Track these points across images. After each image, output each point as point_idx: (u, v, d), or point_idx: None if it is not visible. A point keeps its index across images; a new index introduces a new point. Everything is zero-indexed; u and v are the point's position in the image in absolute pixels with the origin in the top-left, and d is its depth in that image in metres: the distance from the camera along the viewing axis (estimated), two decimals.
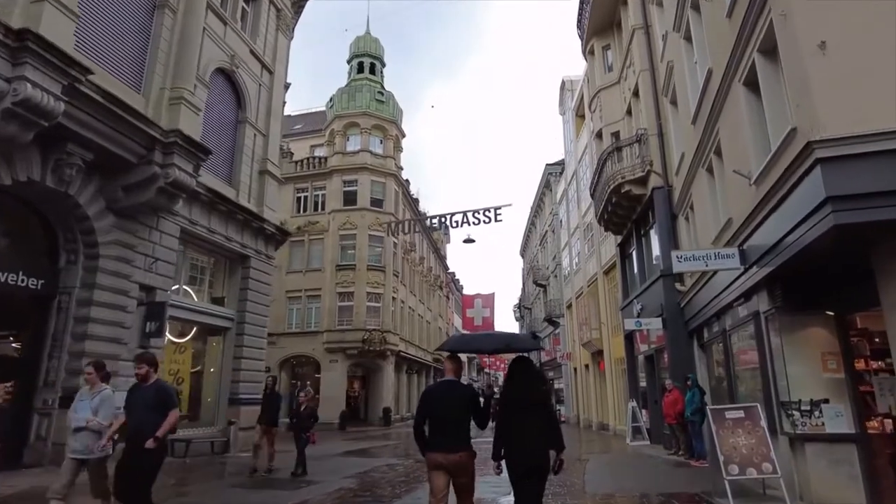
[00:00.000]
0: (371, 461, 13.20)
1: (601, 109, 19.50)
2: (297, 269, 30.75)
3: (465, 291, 62.74)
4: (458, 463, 4.42)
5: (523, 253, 53.92)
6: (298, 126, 38.26)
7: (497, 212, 14.95)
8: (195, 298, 14.89)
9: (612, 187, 16.34)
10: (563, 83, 30.85)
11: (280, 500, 8.17)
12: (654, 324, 14.47)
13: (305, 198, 32.34)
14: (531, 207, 43.46)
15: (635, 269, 18.11)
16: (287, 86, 19.78)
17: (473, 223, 15.25)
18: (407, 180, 37.41)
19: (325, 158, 32.80)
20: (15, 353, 11.07)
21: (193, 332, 14.95)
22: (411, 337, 37.47)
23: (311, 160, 33.31)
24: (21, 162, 9.31)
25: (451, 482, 4.51)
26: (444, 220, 16.11)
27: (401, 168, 34.89)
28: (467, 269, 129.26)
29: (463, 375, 5.18)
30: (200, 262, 15.45)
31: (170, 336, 13.89)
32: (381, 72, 36.05)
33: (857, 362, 7.07)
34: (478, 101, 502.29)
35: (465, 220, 15.33)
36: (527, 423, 4.41)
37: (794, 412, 7.13)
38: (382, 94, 34.22)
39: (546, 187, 36.97)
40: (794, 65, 6.03)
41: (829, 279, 6.91)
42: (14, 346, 11.28)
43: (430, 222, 17.86)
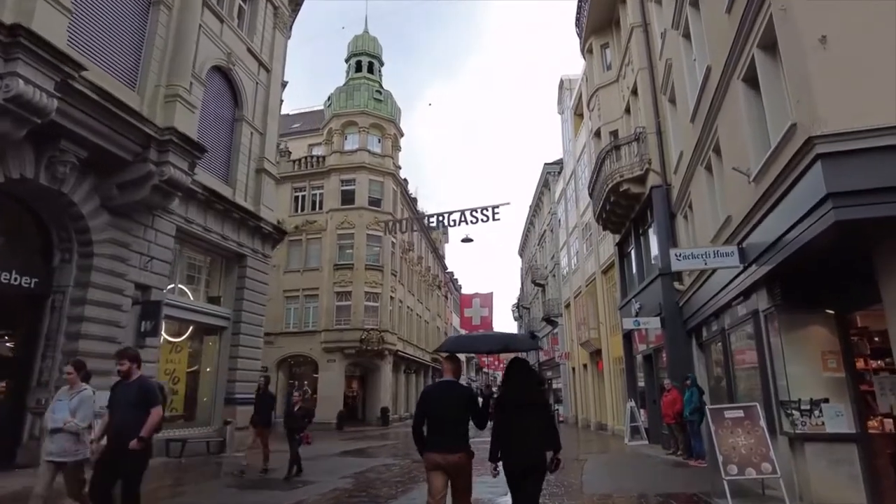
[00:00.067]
0: (368, 461, 13.13)
1: (599, 108, 19.44)
2: (295, 268, 30.68)
3: (463, 291, 62.69)
4: (457, 463, 4.41)
5: (522, 252, 53.88)
6: (296, 125, 38.18)
7: (495, 210, 14.86)
8: (191, 297, 14.83)
9: (610, 186, 16.28)
10: (561, 82, 30.78)
11: (275, 501, 8.12)
12: (653, 323, 14.43)
13: (303, 197, 32.28)
14: (530, 207, 43.40)
15: (634, 268, 18.05)
16: (284, 84, 19.71)
17: (471, 222, 15.16)
18: (405, 179, 37.33)
19: (323, 157, 32.73)
20: (8, 353, 11.00)
21: (189, 331, 14.91)
22: (409, 337, 37.41)
23: (309, 159, 33.24)
24: (14, 159, 9.22)
25: (449, 483, 4.48)
26: (441, 218, 16.01)
27: (399, 167, 34.80)
28: (466, 269, 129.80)
29: (462, 375, 5.13)
30: (196, 260, 15.38)
31: (166, 335, 13.83)
32: (380, 71, 35.98)
33: (857, 361, 7.01)
34: (477, 101, 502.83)
35: (463, 218, 15.24)
36: (524, 423, 4.39)
37: (794, 412, 7.07)
38: (381, 92, 34.13)
39: (544, 186, 36.91)
40: (795, 60, 5.96)
41: (830, 277, 6.84)
42: (7, 345, 11.22)
43: (427, 221, 17.73)
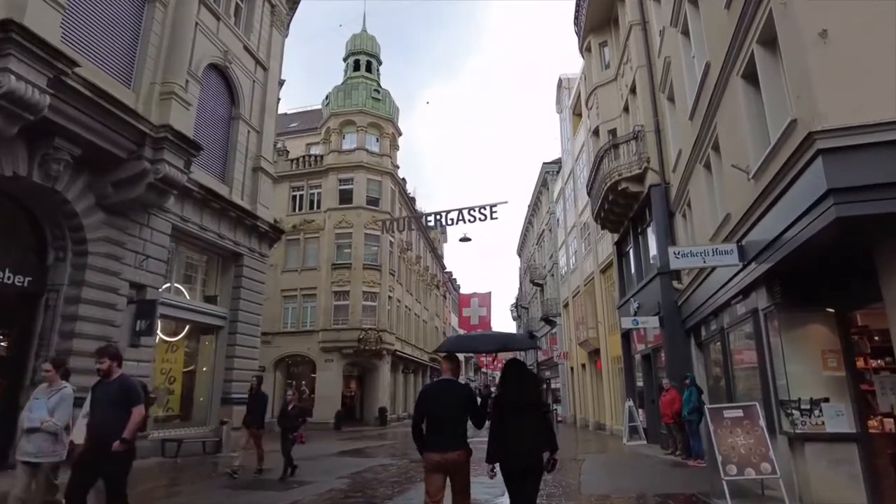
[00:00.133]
0: (365, 461, 13.06)
1: (598, 107, 19.37)
2: (293, 267, 30.59)
3: (462, 291, 62.56)
4: (456, 461, 4.41)
5: (520, 252, 53.83)
6: (294, 124, 38.10)
7: (493, 209, 14.81)
8: (187, 297, 14.74)
9: (608, 185, 16.21)
10: (560, 81, 30.71)
11: (270, 501, 8.05)
12: (651, 322, 14.38)
13: (301, 196, 32.19)
14: (528, 206, 43.35)
15: (632, 267, 17.99)
16: (282, 82, 19.60)
17: (469, 221, 15.11)
18: (403, 179, 37.23)
19: (321, 156, 32.65)
20: (2, 352, 10.90)
21: (186, 330, 14.82)
22: (408, 336, 37.33)
23: (307, 158, 33.15)
24: (6, 157, 9.11)
25: (447, 482, 4.49)
26: (439, 217, 15.94)
27: (397, 166, 34.71)
28: (464, 269, 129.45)
29: (461, 375, 5.09)
30: (193, 259, 15.29)
31: (161, 335, 13.77)
32: (378, 70, 35.89)
33: (857, 360, 6.94)
34: (477, 101, 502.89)
35: (461, 217, 15.19)
36: (521, 424, 4.39)
37: (794, 411, 6.99)
38: (379, 91, 34.03)
39: (543, 186, 36.85)
40: (795, 55, 5.88)
41: (830, 275, 6.77)
42: (1, 344, 11.10)
43: (425, 220, 17.71)
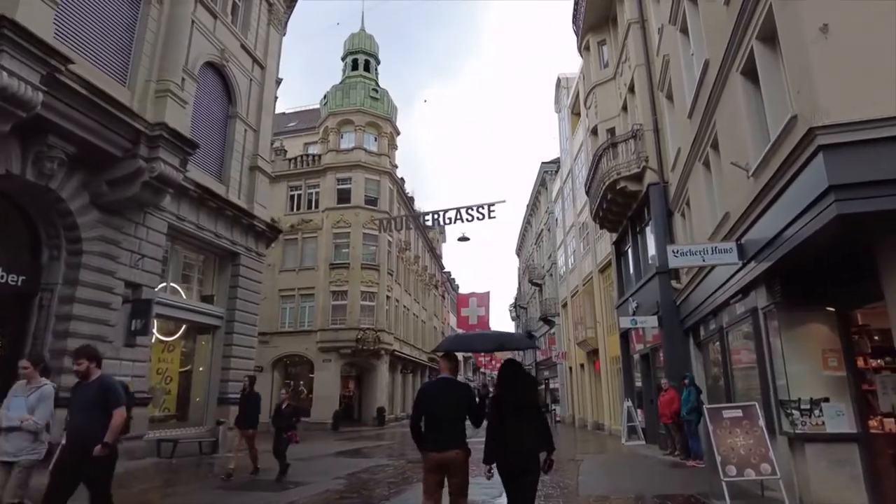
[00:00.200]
0: (362, 461, 12.98)
1: (596, 106, 19.30)
2: (291, 267, 30.49)
3: (460, 291, 62.48)
4: (454, 460, 4.39)
5: (519, 252, 53.79)
6: (292, 123, 37.98)
7: (491, 208, 14.72)
8: (184, 296, 14.66)
9: (607, 184, 16.15)
10: (558, 80, 30.64)
11: (265, 502, 7.96)
12: (650, 322, 14.31)
13: (299, 196, 32.08)
14: (527, 206, 43.28)
15: (631, 267, 17.93)
16: (279, 81, 19.51)
17: (467, 220, 15.02)
18: (402, 178, 37.12)
19: (319, 156, 32.54)
20: None
21: (182, 330, 14.75)
22: (406, 336, 37.23)
23: (305, 158, 33.04)
24: None
25: (445, 482, 4.46)
26: (437, 216, 15.86)
27: (395, 166, 34.61)
28: (463, 269, 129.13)
29: (459, 375, 5.06)
30: (189, 259, 15.21)
31: (158, 334, 13.70)
32: (376, 69, 35.78)
33: (858, 360, 6.87)
34: (476, 101, 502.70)
35: (459, 216, 15.10)
36: (518, 424, 4.39)
37: (794, 411, 6.92)
38: (377, 91, 33.92)
39: (542, 185, 36.79)
40: (795, 50, 5.81)
41: (830, 274, 6.70)
42: None
43: (423, 219, 17.67)
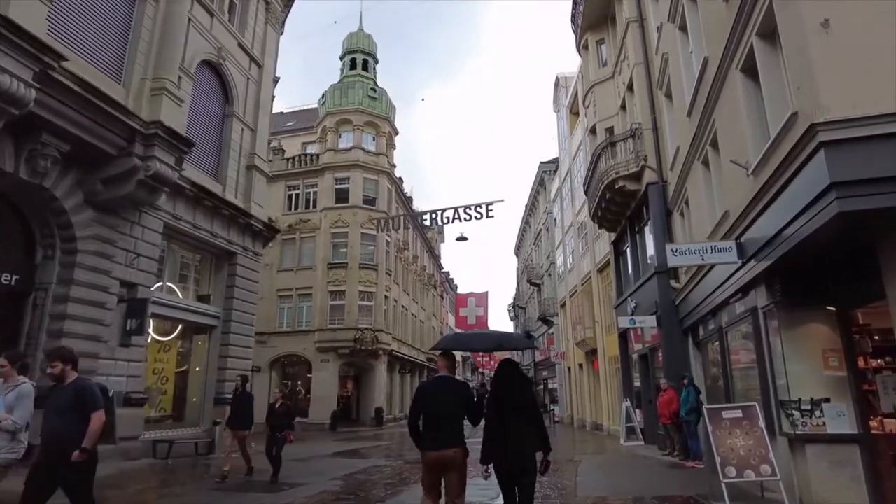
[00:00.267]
0: (360, 462, 12.90)
1: (595, 105, 19.23)
2: (288, 267, 30.39)
3: (459, 291, 62.38)
4: (452, 459, 4.40)
5: (518, 252, 53.73)
6: (290, 123, 37.88)
7: (489, 208, 14.59)
8: (180, 296, 14.56)
9: (605, 183, 16.08)
10: (557, 80, 30.54)
11: None
12: (649, 322, 14.24)
13: (297, 195, 31.98)
14: (525, 206, 43.21)
15: (629, 266, 17.86)
16: (276, 80, 19.45)
17: (465, 219, 14.89)
18: (400, 178, 37.03)
19: (317, 155, 32.43)
20: None
21: (178, 330, 14.66)
22: (404, 336, 37.13)
23: (303, 157, 32.92)
24: None
25: (443, 480, 4.47)
26: (435, 216, 15.75)
27: (394, 165, 34.50)
28: (462, 269, 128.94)
29: (457, 375, 5.03)
30: (185, 258, 15.11)
31: (154, 334, 13.60)
32: (374, 68, 35.68)
33: (859, 360, 6.80)
34: (475, 101, 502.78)
35: (457, 216, 14.97)
36: (514, 425, 4.40)
37: (794, 412, 6.84)
38: (375, 90, 33.82)
39: (540, 185, 36.72)
40: (796, 46, 5.73)
41: (831, 273, 6.62)
42: None
43: (420, 218, 17.60)
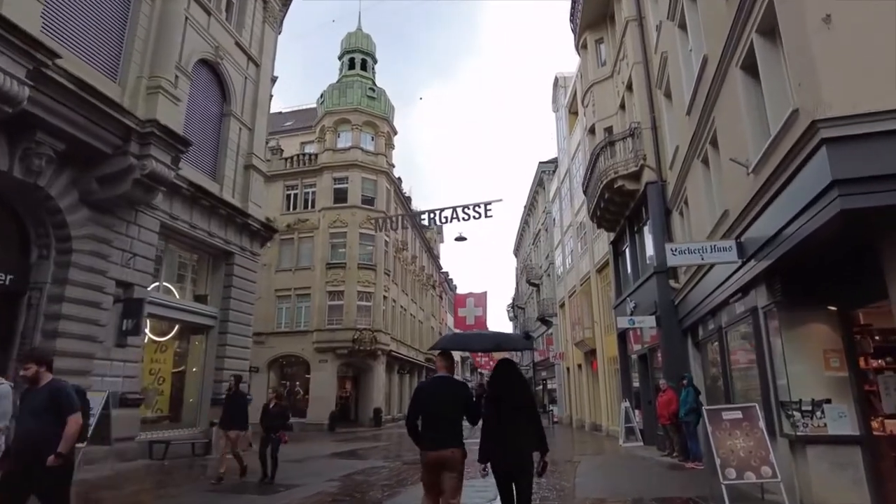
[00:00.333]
0: (357, 463, 12.83)
1: (594, 104, 19.17)
2: (287, 267, 30.30)
3: (458, 291, 62.29)
4: (450, 459, 4.41)
5: (517, 252, 53.66)
6: (289, 123, 37.79)
7: (487, 207, 14.55)
8: (177, 296, 14.48)
9: (604, 183, 16.01)
10: (556, 80, 30.47)
11: None
12: (648, 322, 14.17)
13: (295, 195, 31.88)
14: (524, 206, 43.14)
15: (628, 266, 17.80)
16: (274, 79, 19.36)
17: (463, 219, 14.85)
18: (399, 178, 36.96)
19: (316, 155, 32.34)
20: None
21: (175, 330, 14.55)
22: (403, 336, 37.05)
23: (301, 157, 32.82)
24: None
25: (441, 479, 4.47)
26: (433, 215, 15.69)
27: (392, 165, 34.41)
28: (461, 269, 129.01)
29: (456, 375, 5.00)
30: (182, 258, 15.03)
31: (151, 334, 13.52)
32: (373, 68, 35.59)
33: (860, 360, 6.73)
34: (475, 101, 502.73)
35: (455, 215, 14.93)
36: (512, 425, 4.42)
37: (795, 413, 6.77)
38: (374, 90, 33.73)
39: (539, 185, 36.65)
40: (797, 42, 5.67)
41: (832, 272, 6.56)
42: None
43: (419, 218, 17.56)
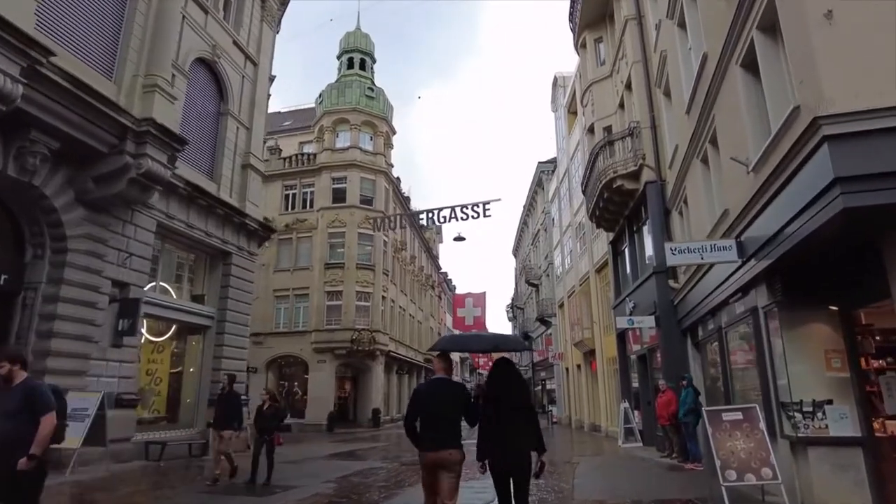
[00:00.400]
0: (355, 464, 12.75)
1: (593, 104, 19.11)
2: (285, 267, 30.22)
3: (457, 291, 62.23)
4: (448, 460, 4.43)
5: (516, 252, 53.60)
6: (287, 122, 37.71)
7: (486, 207, 14.44)
8: (174, 296, 14.39)
9: (603, 182, 15.95)
10: (555, 79, 30.43)
11: None
12: (647, 322, 14.11)
13: (294, 195, 31.80)
14: (524, 206, 43.09)
15: (628, 266, 17.74)
16: (272, 78, 19.28)
17: (462, 219, 14.75)
18: (398, 178, 36.89)
19: (314, 155, 32.26)
20: None
21: (172, 330, 14.47)
22: (402, 337, 36.98)
23: (300, 157, 32.74)
24: None
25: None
26: (431, 215, 15.61)
27: (391, 165, 34.34)
28: (460, 269, 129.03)
29: (454, 376, 4.95)
30: (179, 258, 14.96)
31: (147, 335, 13.44)
32: (372, 68, 35.50)
33: (862, 360, 6.66)
34: (474, 101, 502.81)
35: (454, 215, 14.83)
36: (511, 425, 4.45)
37: (796, 414, 6.71)
38: (373, 89, 33.65)
39: (538, 185, 36.59)
40: (797, 38, 5.60)
41: (833, 272, 6.49)
42: None
43: (417, 218, 17.52)
